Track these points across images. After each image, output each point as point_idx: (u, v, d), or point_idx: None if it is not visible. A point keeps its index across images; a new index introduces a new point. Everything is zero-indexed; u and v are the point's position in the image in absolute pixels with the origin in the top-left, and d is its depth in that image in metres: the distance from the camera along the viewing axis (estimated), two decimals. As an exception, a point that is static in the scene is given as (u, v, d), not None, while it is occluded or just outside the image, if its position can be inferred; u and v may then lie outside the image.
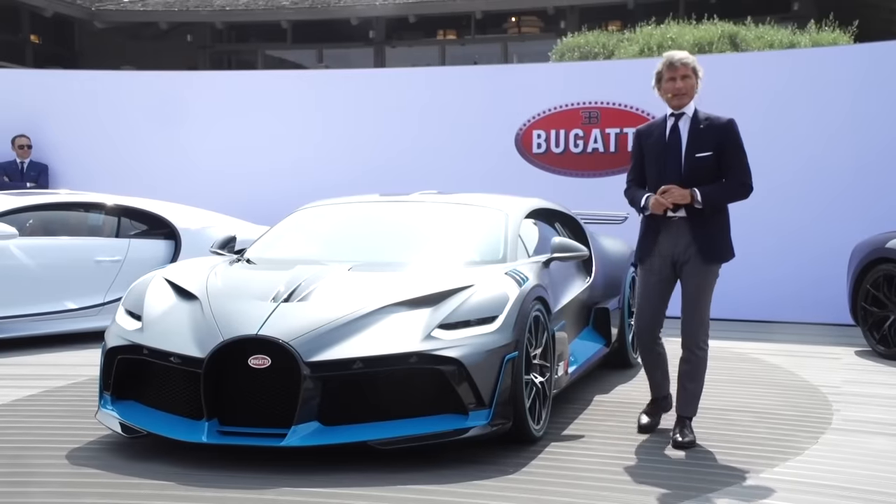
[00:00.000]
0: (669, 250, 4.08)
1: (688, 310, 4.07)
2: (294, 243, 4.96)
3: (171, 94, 9.20)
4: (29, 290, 6.43)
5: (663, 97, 4.12)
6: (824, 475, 3.66)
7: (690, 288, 4.06)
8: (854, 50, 9.06)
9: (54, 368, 5.71)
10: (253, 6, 19.14)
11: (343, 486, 3.42)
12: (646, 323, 4.17)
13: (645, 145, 4.17)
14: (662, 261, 4.09)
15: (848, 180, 7.69)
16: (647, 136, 4.17)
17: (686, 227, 4.03)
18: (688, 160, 4.02)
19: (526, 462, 3.77)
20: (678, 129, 4.08)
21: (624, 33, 12.71)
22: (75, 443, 3.98)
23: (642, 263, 4.16)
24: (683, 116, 4.09)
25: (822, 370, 5.82)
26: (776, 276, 7.80)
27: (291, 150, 8.93)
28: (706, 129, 4.04)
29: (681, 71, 4.04)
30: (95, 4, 19.31)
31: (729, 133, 4.05)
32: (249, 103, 9.04)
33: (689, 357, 4.08)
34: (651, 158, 4.13)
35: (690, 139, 4.04)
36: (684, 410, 4.09)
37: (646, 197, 4.07)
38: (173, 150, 9.07)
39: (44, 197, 7.07)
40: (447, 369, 3.71)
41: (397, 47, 19.58)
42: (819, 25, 12.06)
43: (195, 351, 3.75)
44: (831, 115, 7.77)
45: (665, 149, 4.07)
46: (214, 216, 7.47)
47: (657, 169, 4.09)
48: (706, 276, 4.05)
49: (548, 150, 8.42)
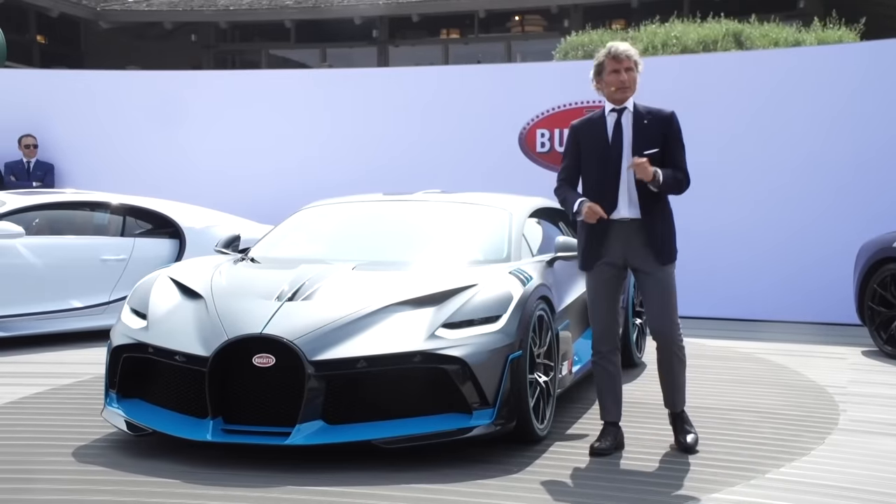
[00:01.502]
0: (620, 254, 3.87)
1: (658, 314, 3.88)
2: (298, 242, 4.97)
3: (175, 94, 9.21)
4: (35, 288, 6.45)
5: (604, 90, 3.91)
6: (830, 476, 3.65)
7: (655, 291, 3.88)
8: (854, 48, 9.07)
9: (60, 367, 5.73)
10: (256, 6, 19.16)
11: (347, 484, 3.43)
12: (605, 331, 3.94)
13: (583, 142, 3.93)
14: (612, 265, 3.89)
15: (849, 177, 7.67)
16: (586, 132, 3.94)
17: (637, 229, 3.84)
18: (636, 157, 3.80)
19: (530, 461, 3.77)
20: (621, 125, 3.88)
21: (628, 32, 12.70)
22: (81, 440, 4.00)
23: (590, 270, 3.93)
24: (625, 111, 3.89)
25: (828, 370, 5.80)
26: (782, 275, 7.78)
27: (295, 150, 8.94)
28: (650, 123, 3.86)
29: (625, 63, 3.85)
30: (101, 4, 19.35)
31: (672, 126, 3.88)
32: (253, 103, 9.05)
33: (670, 358, 3.92)
34: (591, 156, 3.91)
35: (636, 135, 3.85)
36: (675, 405, 3.96)
37: (578, 202, 3.85)
38: (177, 149, 9.08)
39: (50, 196, 7.10)
40: (451, 368, 3.71)
41: (401, 46, 19.58)
42: (824, 23, 12.03)
43: (200, 350, 3.76)
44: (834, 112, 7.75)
45: (608, 146, 3.86)
46: (219, 215, 7.48)
47: (599, 167, 3.87)
48: (667, 277, 3.86)
49: (551, 149, 8.41)
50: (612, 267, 3.91)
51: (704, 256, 7.51)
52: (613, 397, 3.99)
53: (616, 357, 4.00)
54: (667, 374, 3.96)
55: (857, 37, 11.57)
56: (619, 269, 3.93)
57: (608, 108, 3.94)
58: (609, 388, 3.99)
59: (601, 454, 3.86)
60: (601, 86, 3.94)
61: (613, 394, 3.99)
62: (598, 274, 3.93)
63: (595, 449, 3.89)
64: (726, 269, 7.88)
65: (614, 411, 4.00)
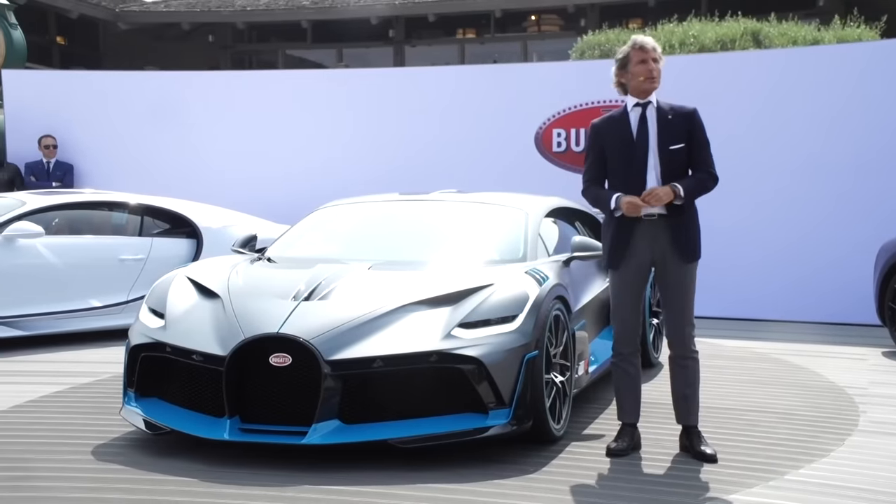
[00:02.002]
0: (647, 253, 3.81)
1: (674, 313, 3.83)
2: (314, 242, 4.98)
3: (192, 95, 9.27)
4: (54, 288, 6.51)
5: (630, 83, 3.82)
6: (850, 478, 3.61)
7: (674, 290, 3.83)
8: (860, 47, 8.99)
9: (80, 365, 5.78)
10: (273, 6, 19.24)
11: (363, 484, 3.44)
12: (628, 332, 3.88)
13: (606, 140, 3.85)
14: (639, 264, 3.83)
15: (860, 177, 7.58)
16: (609, 130, 3.86)
17: (665, 227, 3.78)
18: (661, 153, 3.77)
19: (546, 461, 3.76)
20: (646, 120, 3.79)
21: (645, 31, 12.64)
22: (100, 439, 4.03)
23: (616, 268, 3.86)
24: (649, 106, 3.81)
25: (847, 371, 5.74)
26: (795, 275, 7.70)
27: (311, 150, 8.96)
28: (675, 118, 3.79)
29: (651, 54, 3.78)
30: (119, 6, 19.50)
31: (696, 122, 3.82)
32: (270, 103, 9.09)
33: (684, 363, 3.86)
34: (615, 154, 3.83)
35: (661, 130, 3.77)
36: (688, 420, 3.87)
37: (616, 197, 3.77)
38: (194, 149, 9.13)
39: (69, 196, 7.15)
40: (467, 368, 3.71)
41: (417, 46, 19.60)
42: (844, 21, 11.92)
43: (217, 349, 3.78)
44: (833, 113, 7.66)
45: (633, 143, 3.78)
46: (235, 215, 7.52)
47: (625, 164, 3.79)
48: (689, 275, 3.81)
49: (568, 148, 8.39)
50: (638, 265, 3.84)
51: (724, 255, 7.45)
52: (632, 399, 3.96)
53: (637, 359, 3.97)
54: (680, 384, 3.88)
55: (878, 35, 11.46)
56: (645, 267, 3.88)
57: (631, 103, 3.86)
58: (628, 390, 3.95)
59: (618, 455, 3.84)
60: (626, 78, 3.85)
61: (632, 395, 3.96)
62: (623, 273, 3.86)
63: (612, 449, 3.86)
64: (745, 267, 7.82)
65: (632, 413, 3.96)
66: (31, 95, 9.33)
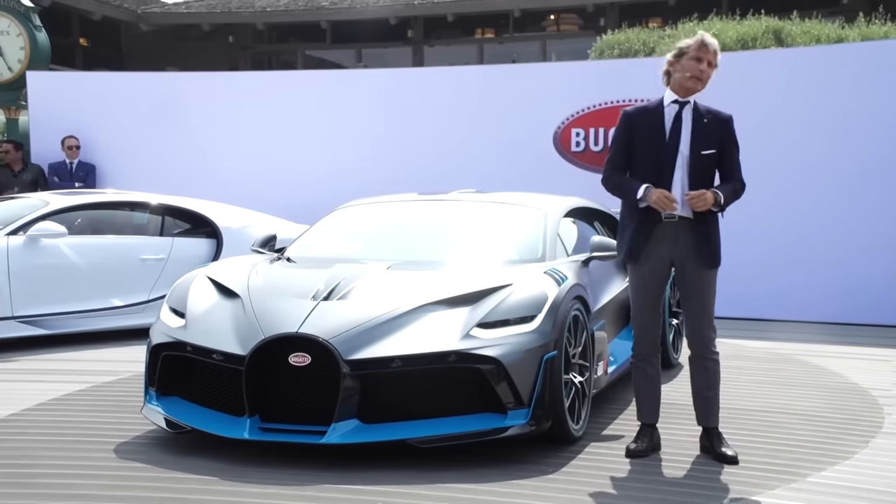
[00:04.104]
0: (667, 254, 3.77)
1: (695, 316, 3.79)
2: (333, 242, 5.00)
3: (213, 95, 9.33)
4: (77, 287, 6.57)
5: (677, 74, 3.73)
6: (874, 480, 3.57)
7: (694, 294, 3.79)
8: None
9: (102, 364, 5.84)
10: (293, 7, 19.32)
11: (382, 483, 3.44)
12: (647, 332, 3.85)
13: (637, 132, 3.76)
14: (658, 264, 3.78)
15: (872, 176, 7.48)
16: (641, 121, 3.77)
17: (687, 231, 3.74)
18: (692, 156, 3.72)
19: (565, 462, 3.76)
20: (681, 119, 3.74)
21: (665, 30, 12.58)
22: (122, 437, 4.07)
23: (635, 262, 3.80)
24: (687, 106, 3.76)
25: (871, 372, 5.68)
26: (810, 272, 7.60)
27: (331, 151, 8.98)
28: (710, 123, 3.75)
29: (709, 56, 3.71)
30: (141, 7, 19.68)
31: (730, 130, 3.79)
32: (289, 104, 9.13)
33: (705, 364, 3.82)
34: (644, 148, 3.75)
35: (695, 133, 3.72)
36: (709, 421, 3.84)
37: (645, 187, 3.69)
38: (214, 150, 9.19)
39: (91, 196, 7.22)
40: (486, 368, 3.71)
41: (435, 46, 19.61)
42: (869, 18, 11.79)
43: (237, 348, 3.80)
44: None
45: (664, 140, 3.72)
46: (255, 215, 7.56)
47: (651, 160, 3.72)
48: (708, 280, 3.77)
49: (587, 148, 8.36)
50: (658, 265, 3.80)
51: (735, 253, 7.38)
52: (651, 399, 3.94)
53: (656, 359, 3.95)
54: (700, 386, 3.85)
55: (903, 32, 11.31)
56: (664, 268, 3.84)
57: (669, 98, 3.78)
58: (647, 391, 3.94)
59: (637, 456, 3.82)
60: (675, 68, 3.76)
61: (651, 396, 3.94)
62: (641, 272, 3.82)
63: (631, 450, 3.85)
64: (764, 268, 7.75)
65: (651, 413, 3.94)
66: (54, 97, 9.43)
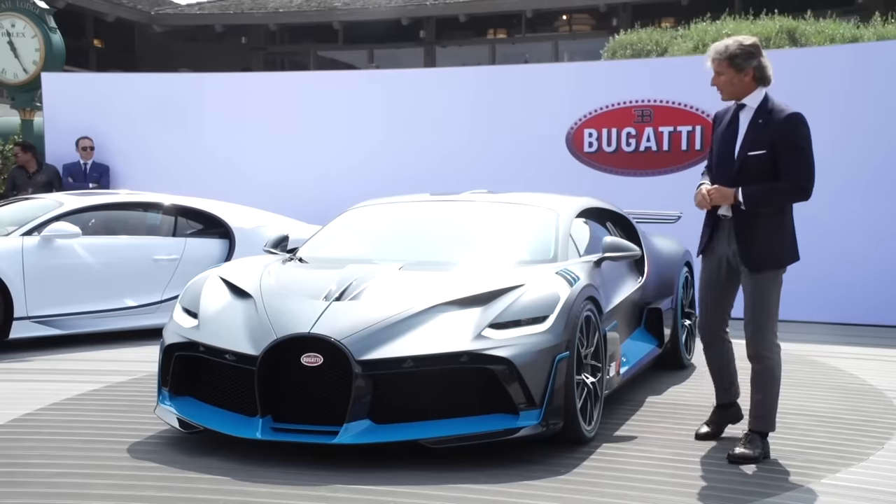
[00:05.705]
0: (722, 250, 3.90)
1: (746, 317, 3.84)
2: (345, 242, 5.00)
3: (225, 96, 9.37)
4: (91, 287, 6.61)
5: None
6: (889, 482, 3.55)
7: (746, 294, 3.84)
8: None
9: (115, 364, 5.87)
10: (305, 7, 19.38)
11: (394, 483, 3.45)
12: (704, 318, 4.03)
13: (715, 131, 3.97)
14: (718, 259, 3.93)
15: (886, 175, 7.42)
16: (718, 122, 3.99)
17: (732, 231, 3.83)
18: (740, 157, 3.78)
19: (577, 463, 3.75)
20: (737, 122, 3.84)
21: (677, 30, 12.53)
22: (135, 437, 4.09)
23: (703, 257, 4.00)
24: (745, 108, 3.82)
25: (887, 373, 5.63)
26: (820, 273, 7.53)
27: (341, 151, 8.99)
28: (765, 123, 3.76)
29: (713, 66, 3.80)
30: (154, 9, 19.79)
31: (787, 131, 3.72)
32: (302, 104, 9.15)
33: (755, 367, 3.85)
34: (714, 147, 3.94)
35: (747, 135, 3.79)
36: (752, 424, 3.85)
37: (698, 185, 3.92)
38: (226, 150, 9.22)
39: (105, 197, 7.27)
40: (498, 369, 3.70)
41: (447, 47, 19.62)
42: (885, 18, 11.70)
43: (249, 349, 3.81)
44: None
45: (723, 141, 3.87)
46: (267, 216, 7.59)
47: (717, 160, 3.89)
48: (758, 282, 3.78)
49: (599, 148, 8.34)
50: (714, 262, 3.95)
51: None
52: (726, 377, 4.09)
53: (721, 344, 4.04)
54: (753, 389, 3.89)
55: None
56: (720, 265, 3.93)
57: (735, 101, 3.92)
58: (720, 367, 4.07)
59: (707, 440, 4.02)
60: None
61: (725, 374, 4.09)
62: (705, 263, 4.00)
63: (701, 435, 4.06)
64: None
65: (730, 392, 4.11)
66: (69, 98, 9.49)
